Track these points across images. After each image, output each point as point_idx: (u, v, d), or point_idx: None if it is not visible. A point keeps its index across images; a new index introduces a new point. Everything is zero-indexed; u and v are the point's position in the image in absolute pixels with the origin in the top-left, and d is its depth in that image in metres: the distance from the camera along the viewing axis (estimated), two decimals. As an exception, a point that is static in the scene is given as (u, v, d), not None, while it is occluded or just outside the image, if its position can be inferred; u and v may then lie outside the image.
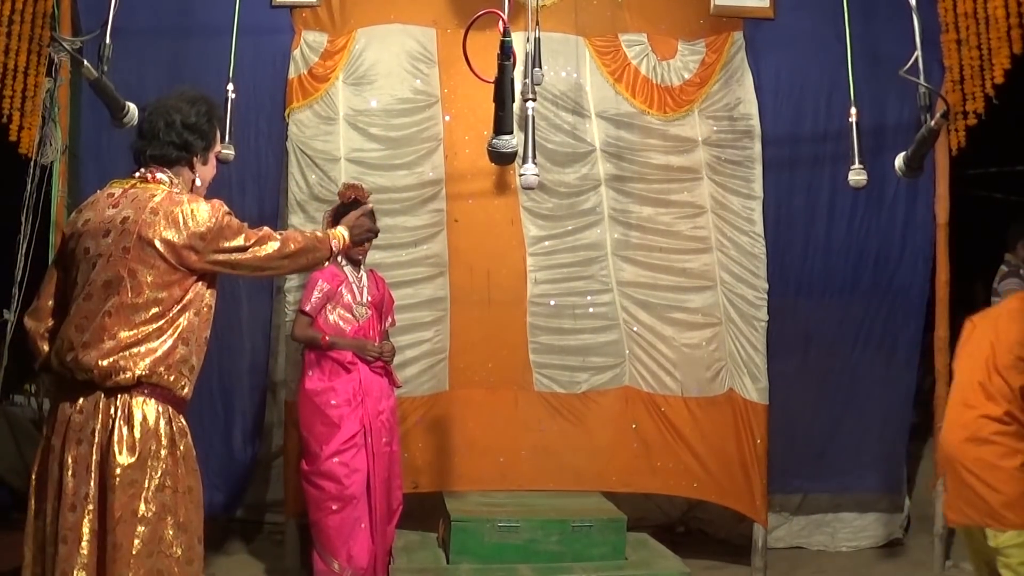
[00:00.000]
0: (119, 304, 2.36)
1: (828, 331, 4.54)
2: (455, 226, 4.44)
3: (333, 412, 3.66)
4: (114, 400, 2.35)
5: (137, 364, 2.35)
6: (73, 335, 2.39)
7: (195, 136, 2.54)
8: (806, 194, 4.48)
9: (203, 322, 2.50)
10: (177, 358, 2.41)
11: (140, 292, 2.37)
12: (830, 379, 4.56)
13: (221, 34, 3.51)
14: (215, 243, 2.43)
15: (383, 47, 4.36)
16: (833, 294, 4.50)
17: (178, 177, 2.54)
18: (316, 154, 4.27)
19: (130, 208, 2.42)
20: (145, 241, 2.37)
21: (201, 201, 2.46)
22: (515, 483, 4.43)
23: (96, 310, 2.38)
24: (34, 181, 4.13)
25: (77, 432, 2.36)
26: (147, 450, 2.35)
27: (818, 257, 4.48)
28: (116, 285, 2.37)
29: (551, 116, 4.45)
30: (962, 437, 2.95)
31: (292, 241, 2.58)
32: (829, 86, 4.31)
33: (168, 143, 2.51)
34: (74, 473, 2.34)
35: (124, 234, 2.38)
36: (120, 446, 2.32)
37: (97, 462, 2.33)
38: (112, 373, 2.34)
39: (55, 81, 4.23)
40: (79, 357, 2.36)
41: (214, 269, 2.46)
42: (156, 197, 2.43)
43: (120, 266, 2.37)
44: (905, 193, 4.48)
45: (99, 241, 2.40)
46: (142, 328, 2.37)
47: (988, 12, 4.11)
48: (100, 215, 2.45)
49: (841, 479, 4.58)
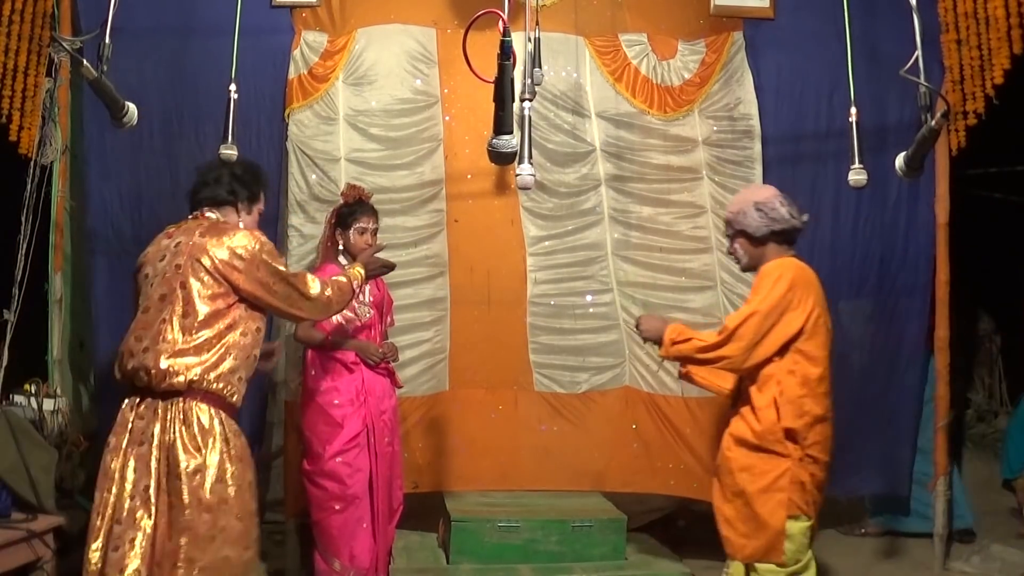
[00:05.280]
0: (172, 314, 2.69)
1: (836, 333, 4.50)
2: (455, 226, 4.44)
3: (336, 412, 3.66)
4: (171, 404, 2.65)
5: (189, 370, 2.64)
6: (133, 344, 2.72)
7: (241, 187, 2.95)
8: (808, 194, 4.46)
9: (250, 342, 2.79)
10: (225, 369, 2.70)
11: (191, 303, 2.69)
12: (838, 383, 4.53)
13: (221, 34, 3.50)
14: (255, 264, 2.74)
15: (383, 47, 4.36)
16: (839, 295, 4.47)
17: (225, 216, 2.91)
18: (316, 154, 4.27)
19: (182, 236, 2.80)
20: (194, 258, 2.71)
21: (242, 230, 2.85)
22: (515, 483, 4.43)
23: (153, 320, 2.71)
24: (34, 181, 4.14)
25: (138, 435, 2.65)
26: (205, 447, 2.64)
27: (825, 258, 4.45)
28: (169, 296, 2.70)
29: (551, 116, 4.45)
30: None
31: (328, 288, 2.94)
32: (829, 86, 4.31)
33: (219, 188, 2.92)
34: (135, 469, 2.62)
35: (177, 255, 2.75)
36: (182, 444, 2.62)
37: (158, 459, 2.62)
38: (166, 376, 2.63)
39: (55, 81, 4.24)
40: (137, 363, 2.67)
41: (254, 291, 2.75)
42: (204, 225, 2.82)
43: (173, 281, 2.71)
44: (906, 193, 4.47)
45: (156, 265, 2.78)
46: (194, 338, 2.68)
47: (988, 12, 4.10)
48: (158, 246, 2.84)
49: (846, 483, 4.57)
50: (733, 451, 3.04)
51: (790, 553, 2.95)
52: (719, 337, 3.00)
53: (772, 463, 2.96)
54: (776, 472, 2.95)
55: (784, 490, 2.94)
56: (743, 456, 3.01)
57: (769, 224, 3.07)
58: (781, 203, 3.10)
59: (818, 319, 2.99)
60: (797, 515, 2.94)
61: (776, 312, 2.95)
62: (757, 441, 2.98)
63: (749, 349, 2.96)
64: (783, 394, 2.96)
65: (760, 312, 2.96)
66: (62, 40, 3.35)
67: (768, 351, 2.96)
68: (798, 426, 2.93)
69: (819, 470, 2.97)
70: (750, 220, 3.09)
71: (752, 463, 2.99)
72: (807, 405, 2.95)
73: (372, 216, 3.77)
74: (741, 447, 3.02)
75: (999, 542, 4.69)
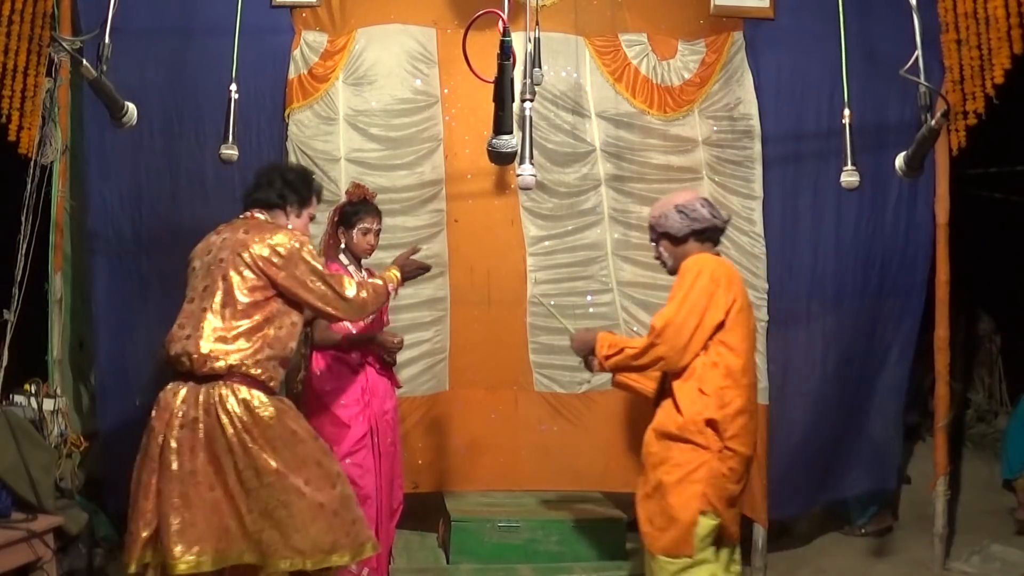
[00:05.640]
0: (214, 303, 2.86)
1: (844, 335, 4.50)
2: (455, 226, 4.44)
3: (343, 413, 3.65)
4: (212, 388, 2.80)
5: (229, 356, 2.81)
6: (177, 332, 2.89)
7: (291, 192, 3.10)
8: (809, 194, 4.46)
9: (287, 335, 2.95)
10: (263, 357, 2.86)
11: (231, 294, 2.86)
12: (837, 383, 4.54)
13: (221, 34, 3.50)
14: (294, 261, 2.89)
15: (383, 47, 4.36)
16: (840, 295, 4.47)
17: (274, 219, 3.06)
18: (316, 154, 4.27)
19: (228, 232, 2.98)
20: (236, 253, 2.89)
21: (285, 229, 3.00)
22: (515, 483, 4.43)
23: (196, 309, 2.88)
24: (34, 181, 4.13)
25: (180, 418, 2.79)
26: (254, 420, 2.78)
27: (829, 257, 4.45)
28: (212, 287, 2.88)
29: (551, 116, 4.45)
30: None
31: (364, 290, 3.08)
32: (829, 86, 4.30)
33: (270, 191, 3.08)
34: (179, 452, 2.76)
35: (222, 249, 2.93)
36: (230, 422, 2.76)
37: (202, 440, 2.77)
38: (207, 361, 2.80)
39: (55, 81, 4.23)
40: (180, 348, 2.84)
41: (292, 287, 2.90)
42: (251, 223, 3.00)
43: (216, 273, 2.89)
44: (905, 193, 4.47)
45: (203, 259, 2.97)
46: (234, 327, 2.84)
47: (988, 12, 4.10)
48: (207, 242, 3.01)
49: (840, 484, 4.57)
50: (654, 446, 3.06)
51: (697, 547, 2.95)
52: (648, 340, 3.03)
53: (691, 455, 2.97)
54: (694, 464, 2.97)
55: (700, 482, 2.95)
56: (663, 449, 3.03)
57: (690, 224, 3.12)
58: (702, 204, 3.16)
59: (739, 311, 3.02)
60: (707, 511, 2.95)
61: (701, 306, 2.98)
62: (678, 432, 2.99)
63: (684, 346, 2.98)
64: (706, 385, 2.98)
65: (686, 307, 2.99)
66: (62, 40, 3.35)
67: (699, 344, 2.99)
68: (719, 417, 2.95)
69: (738, 463, 2.98)
70: (672, 222, 3.14)
71: (671, 455, 3.00)
72: (729, 396, 2.97)
73: (376, 217, 3.76)
74: (663, 440, 3.04)
75: (999, 542, 4.68)
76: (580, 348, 3.32)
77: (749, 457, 3.04)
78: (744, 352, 3.03)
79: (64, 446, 4.04)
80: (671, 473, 2.99)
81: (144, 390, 4.27)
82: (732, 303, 3.01)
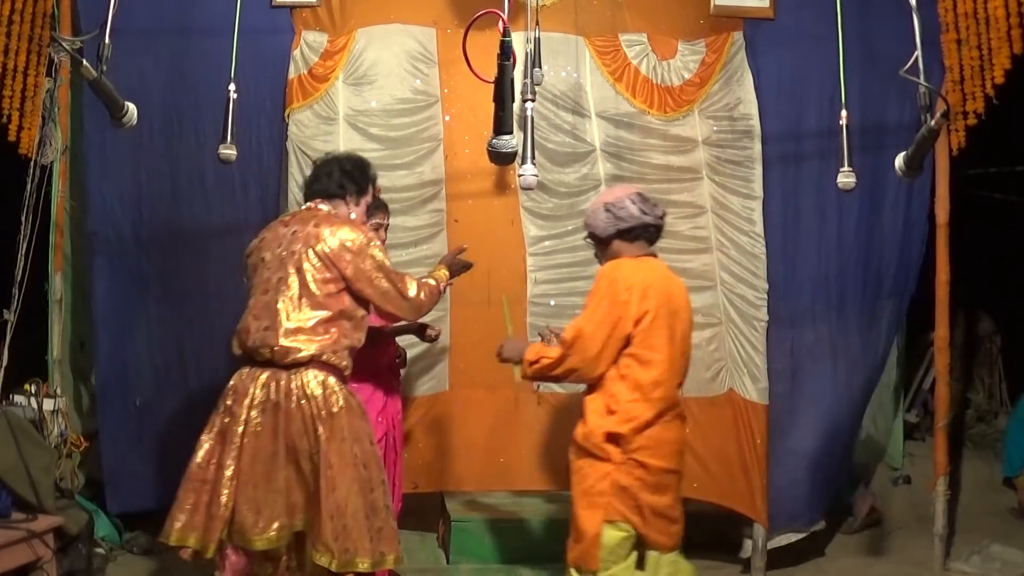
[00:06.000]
0: (288, 295, 2.96)
1: (844, 335, 4.49)
2: (455, 226, 4.44)
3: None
4: (292, 375, 2.92)
5: (309, 346, 2.93)
6: (252, 323, 3.00)
7: (350, 181, 3.20)
8: (809, 194, 4.45)
9: (356, 326, 3.07)
10: (340, 347, 2.99)
11: (305, 286, 2.96)
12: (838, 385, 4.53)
13: (221, 34, 3.50)
14: (363, 256, 3.00)
15: (383, 47, 4.36)
16: (839, 295, 4.47)
17: (335, 208, 3.16)
18: (316, 154, 4.23)
19: (297, 224, 3.08)
20: (309, 245, 2.98)
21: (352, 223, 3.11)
22: (515, 483, 4.43)
23: (271, 301, 2.98)
24: (34, 181, 4.14)
25: (260, 403, 2.91)
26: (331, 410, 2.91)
27: (832, 257, 4.45)
28: (286, 279, 2.98)
29: (551, 116, 4.45)
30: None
31: (423, 291, 3.18)
32: (830, 86, 4.26)
33: (330, 182, 3.18)
34: (259, 436, 2.90)
35: (293, 241, 3.02)
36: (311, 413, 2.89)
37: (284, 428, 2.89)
38: (288, 352, 2.92)
39: (55, 81, 4.23)
40: (259, 340, 2.95)
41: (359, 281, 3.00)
42: (319, 216, 3.09)
43: (289, 265, 2.99)
44: (905, 193, 4.46)
45: (273, 251, 3.05)
46: (312, 318, 2.95)
47: (988, 12, 4.09)
48: (275, 233, 3.11)
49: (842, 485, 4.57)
50: (570, 456, 3.05)
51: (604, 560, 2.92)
52: (561, 351, 2.98)
53: (593, 467, 2.95)
54: (596, 476, 2.94)
55: (604, 494, 2.92)
56: (575, 460, 3.03)
57: (615, 223, 3.05)
58: (633, 201, 3.07)
59: (653, 321, 2.94)
60: (615, 520, 2.91)
61: (613, 316, 2.92)
62: (583, 443, 2.98)
63: (594, 356, 2.94)
64: (613, 399, 2.94)
65: (596, 318, 2.94)
66: (62, 40, 3.34)
67: (612, 355, 2.95)
68: (624, 431, 2.91)
69: (648, 475, 2.93)
70: (598, 221, 3.09)
71: (579, 466, 3.00)
72: (636, 410, 2.92)
73: (385, 212, 3.79)
74: (573, 451, 3.04)
75: (999, 542, 4.68)
76: (510, 354, 3.26)
77: (667, 469, 2.97)
78: (659, 363, 2.95)
79: (64, 446, 4.04)
80: (578, 485, 2.98)
81: (144, 390, 4.30)
82: (644, 314, 2.93)
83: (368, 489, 2.94)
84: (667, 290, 3.04)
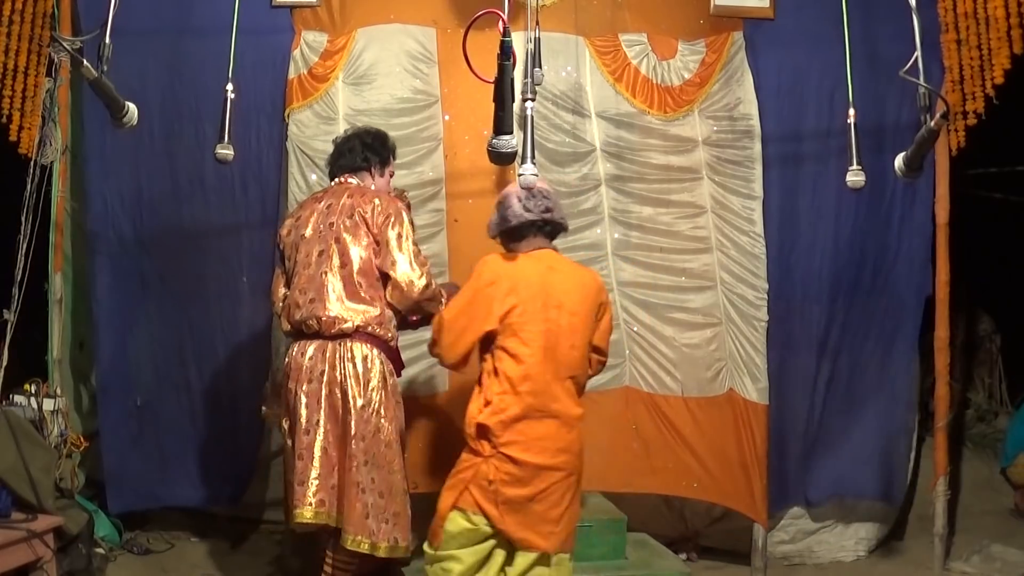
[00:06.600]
0: (332, 267, 3.11)
1: (844, 335, 4.50)
2: (455, 226, 4.44)
3: None
4: (338, 345, 3.06)
5: (355, 318, 3.07)
6: (298, 297, 3.13)
7: (373, 153, 3.38)
8: (809, 194, 4.46)
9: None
10: (385, 318, 3.13)
11: (347, 255, 3.11)
12: (832, 385, 4.53)
13: (221, 34, 3.50)
14: (399, 220, 3.17)
15: (383, 47, 4.36)
16: (839, 295, 4.47)
17: (362, 180, 3.33)
18: (316, 154, 4.27)
19: (332, 198, 3.22)
20: (347, 214, 3.13)
21: (383, 193, 3.30)
22: (515, 483, 4.42)
23: (315, 274, 3.11)
24: (34, 181, 4.14)
25: (308, 374, 3.06)
26: (368, 382, 3.05)
27: (828, 257, 4.45)
28: (327, 251, 3.12)
29: (551, 116, 4.44)
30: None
31: (432, 285, 3.26)
32: (830, 86, 4.30)
33: (354, 156, 3.35)
34: (307, 405, 3.05)
35: (330, 214, 3.16)
36: (349, 381, 3.04)
37: (326, 395, 3.04)
38: (335, 323, 3.06)
39: (55, 81, 4.23)
40: (307, 313, 3.08)
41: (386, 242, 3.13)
42: (351, 188, 3.25)
43: (328, 237, 3.13)
44: (906, 193, 4.46)
45: (314, 226, 3.18)
46: (357, 289, 3.10)
47: (988, 12, 4.09)
48: (311, 210, 3.24)
49: (839, 485, 4.56)
50: None
51: (445, 541, 2.97)
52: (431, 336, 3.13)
53: (467, 455, 3.04)
54: (465, 463, 3.02)
55: (464, 481, 2.98)
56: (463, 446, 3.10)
57: (500, 223, 3.13)
58: (519, 198, 3.09)
59: (523, 315, 2.96)
60: (464, 509, 2.96)
61: (471, 308, 2.98)
62: (465, 432, 3.06)
63: (450, 345, 3.04)
64: (488, 390, 3.00)
65: (457, 307, 3.04)
66: (62, 40, 3.35)
67: (466, 346, 3.01)
68: (492, 424, 2.95)
69: (516, 469, 2.94)
70: (491, 219, 3.19)
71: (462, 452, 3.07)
72: (505, 403, 2.95)
73: None
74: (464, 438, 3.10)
75: (999, 542, 4.68)
76: None
77: (541, 466, 2.96)
78: (528, 357, 2.96)
79: (64, 446, 4.04)
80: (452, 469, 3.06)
81: (144, 390, 4.30)
82: (512, 308, 2.95)
83: (388, 471, 3.10)
84: (544, 284, 3.04)
